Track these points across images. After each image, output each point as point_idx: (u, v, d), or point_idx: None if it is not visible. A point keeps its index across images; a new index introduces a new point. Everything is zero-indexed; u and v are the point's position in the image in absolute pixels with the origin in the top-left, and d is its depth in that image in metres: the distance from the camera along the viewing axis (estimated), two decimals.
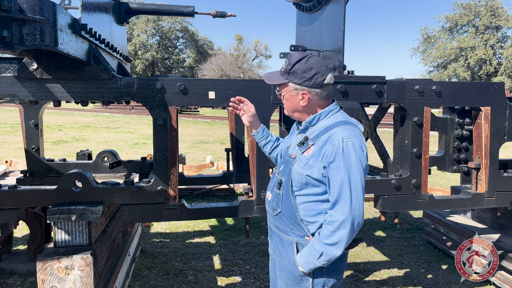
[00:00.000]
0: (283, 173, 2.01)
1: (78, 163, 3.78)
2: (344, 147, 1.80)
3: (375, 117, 3.86)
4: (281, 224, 2.01)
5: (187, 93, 2.68)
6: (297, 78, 1.90)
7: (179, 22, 58.13)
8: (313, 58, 1.92)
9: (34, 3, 1.86)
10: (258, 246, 4.70)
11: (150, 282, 3.74)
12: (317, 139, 1.89)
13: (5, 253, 3.98)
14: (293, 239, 1.96)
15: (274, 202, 2.03)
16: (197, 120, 25.93)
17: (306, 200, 1.92)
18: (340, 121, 1.92)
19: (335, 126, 1.89)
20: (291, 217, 1.95)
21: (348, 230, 1.78)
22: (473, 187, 3.24)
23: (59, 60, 2.46)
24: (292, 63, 1.90)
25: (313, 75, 1.88)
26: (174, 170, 2.71)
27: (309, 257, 1.86)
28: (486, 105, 3.09)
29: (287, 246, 1.99)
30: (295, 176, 1.92)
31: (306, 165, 1.88)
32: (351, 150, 1.80)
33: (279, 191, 2.00)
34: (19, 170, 4.01)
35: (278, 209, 2.00)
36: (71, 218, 2.50)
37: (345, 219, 1.78)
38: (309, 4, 3.52)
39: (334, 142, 1.82)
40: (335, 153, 1.80)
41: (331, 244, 1.80)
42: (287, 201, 1.96)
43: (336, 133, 1.85)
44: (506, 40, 48.46)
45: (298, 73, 1.89)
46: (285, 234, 1.99)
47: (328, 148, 1.83)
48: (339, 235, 1.78)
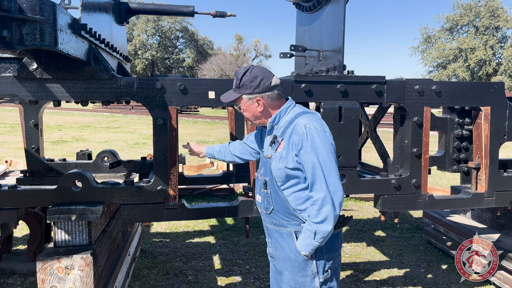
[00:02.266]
0: (264, 173, 2.19)
1: (78, 163, 3.78)
2: (307, 132, 1.99)
3: (375, 117, 3.86)
4: (277, 220, 2.15)
5: (187, 93, 2.68)
6: (248, 89, 2.09)
7: (179, 22, 58.13)
8: (256, 68, 2.13)
9: (34, 3, 1.86)
10: (258, 246, 4.70)
11: (150, 282, 3.74)
12: (284, 134, 2.08)
13: (5, 253, 3.98)
14: (291, 229, 2.11)
15: (265, 202, 2.18)
16: (197, 120, 25.93)
17: (292, 191, 2.08)
18: (299, 113, 2.11)
19: (296, 118, 2.08)
20: (284, 210, 2.11)
21: (330, 205, 1.96)
22: (473, 187, 3.24)
23: (59, 60, 2.46)
24: (239, 78, 2.11)
25: (259, 81, 2.08)
26: (174, 170, 2.71)
27: (306, 240, 2.01)
28: (486, 105, 3.09)
29: (287, 238, 2.13)
30: (275, 172, 2.09)
31: (281, 159, 2.06)
32: (314, 133, 1.99)
33: (267, 190, 2.16)
34: (19, 170, 4.01)
35: (271, 207, 2.15)
36: (71, 218, 2.50)
37: (325, 196, 1.96)
38: (309, 4, 3.52)
39: (298, 131, 2.02)
40: (301, 139, 2.00)
41: (321, 222, 1.96)
42: (276, 197, 2.12)
43: (298, 123, 2.05)
44: (506, 40, 48.47)
45: (247, 85, 2.09)
46: (282, 227, 2.14)
47: (294, 138, 2.02)
48: (325, 211, 1.96)
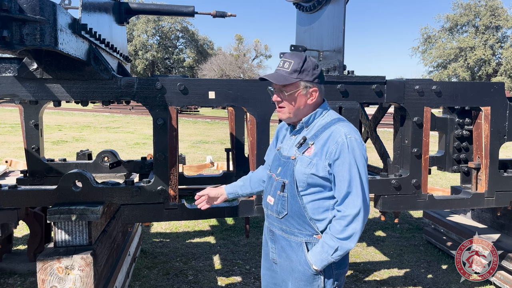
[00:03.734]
0: (283, 175, 1.99)
1: (78, 163, 3.78)
2: (348, 143, 1.84)
3: (375, 117, 3.86)
4: (288, 226, 1.99)
5: (187, 93, 2.68)
6: (309, 76, 1.90)
7: (179, 22, 58.14)
8: (311, 57, 1.96)
9: (34, 3, 1.86)
10: (258, 246, 4.70)
11: (150, 282, 3.74)
12: (317, 138, 1.91)
13: (5, 253, 3.98)
14: (301, 240, 1.96)
15: (278, 205, 2.00)
16: (197, 120, 25.93)
17: (313, 199, 1.92)
18: (335, 119, 1.96)
19: (332, 124, 1.92)
20: (299, 218, 1.95)
21: (361, 222, 1.83)
22: (473, 187, 3.24)
23: (59, 60, 2.46)
24: (300, 61, 1.89)
25: (320, 72, 1.92)
26: (174, 170, 2.71)
27: (322, 255, 1.87)
28: (486, 105, 3.09)
29: (295, 248, 1.97)
30: (299, 176, 1.91)
31: (310, 164, 1.89)
32: (355, 145, 1.85)
33: (283, 193, 1.97)
34: (19, 170, 4.02)
35: (284, 212, 1.98)
36: (71, 218, 2.50)
37: (358, 212, 1.83)
38: (309, 4, 3.52)
39: (337, 139, 1.85)
40: (340, 149, 1.84)
41: (345, 238, 1.83)
42: (293, 202, 1.95)
43: (337, 130, 1.88)
44: (506, 40, 48.46)
45: (309, 71, 1.89)
46: (292, 235, 1.98)
47: (331, 146, 1.86)
48: (353, 228, 1.83)
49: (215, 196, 2.33)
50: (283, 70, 1.92)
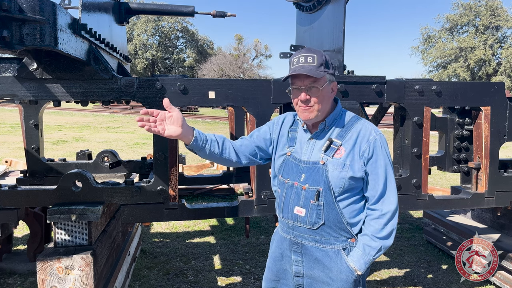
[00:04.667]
0: (314, 182, 1.84)
1: (78, 163, 3.78)
2: (380, 139, 1.83)
3: (375, 117, 3.86)
4: (323, 236, 1.87)
5: (187, 93, 2.68)
6: (331, 69, 1.84)
7: (179, 22, 58.13)
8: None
9: (34, 3, 1.86)
10: (258, 246, 4.70)
11: (150, 282, 3.74)
12: (343, 138, 1.85)
13: (5, 253, 3.98)
14: (338, 247, 1.87)
15: (313, 216, 1.85)
16: (197, 120, 25.92)
17: (348, 203, 1.86)
18: (354, 116, 1.93)
19: (355, 122, 1.89)
20: (335, 225, 1.85)
21: (396, 217, 1.83)
22: (473, 187, 3.24)
23: (59, 60, 2.46)
24: (322, 54, 1.81)
25: (334, 67, 1.91)
26: (174, 170, 2.71)
27: (365, 257, 1.83)
28: (486, 105, 3.09)
29: (334, 257, 1.87)
30: (336, 182, 1.81)
31: (345, 167, 1.80)
32: (385, 142, 1.86)
33: (318, 201, 1.83)
34: (19, 170, 4.01)
35: (320, 221, 1.84)
36: (71, 218, 2.50)
37: (395, 208, 1.83)
38: (309, 4, 3.52)
39: (368, 137, 1.83)
40: (373, 147, 1.81)
41: (386, 237, 1.82)
42: (329, 210, 1.83)
43: (364, 128, 1.85)
44: (506, 40, 48.46)
45: (330, 63, 1.83)
46: (329, 245, 1.87)
47: (363, 144, 1.82)
48: (391, 225, 1.82)
49: (178, 121, 1.82)
50: (310, 65, 1.78)
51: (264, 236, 5.03)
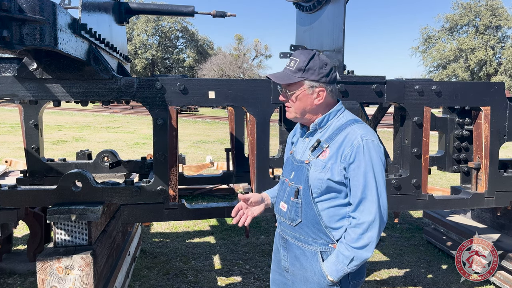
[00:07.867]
0: (297, 180, 1.89)
1: (78, 163, 3.78)
2: (364, 145, 1.75)
3: (375, 117, 3.86)
4: (302, 235, 1.89)
5: (187, 93, 2.68)
6: (314, 75, 1.79)
7: (179, 22, 58.13)
8: (322, 55, 1.88)
9: (34, 3, 1.86)
10: (258, 246, 4.70)
11: (150, 282, 3.74)
12: (331, 140, 1.82)
13: (5, 253, 3.98)
14: (316, 249, 1.86)
15: (292, 212, 1.90)
16: (197, 120, 25.93)
17: (328, 206, 1.83)
18: (350, 120, 1.86)
19: (348, 125, 1.83)
20: (313, 226, 1.85)
21: (377, 230, 1.74)
22: (473, 187, 3.24)
23: (59, 60, 2.46)
24: (306, 60, 1.79)
25: (329, 70, 1.82)
26: (174, 170, 2.71)
27: (338, 265, 1.78)
28: (486, 105, 3.09)
29: (310, 257, 1.88)
30: (314, 182, 1.82)
31: (325, 169, 1.79)
32: (371, 147, 1.75)
33: (297, 199, 1.87)
34: (19, 170, 4.01)
35: (298, 219, 1.87)
36: (71, 218, 2.50)
37: (373, 219, 1.73)
38: (309, 4, 3.52)
39: (353, 142, 1.76)
40: (355, 152, 1.74)
41: (361, 247, 1.74)
42: (307, 209, 1.85)
43: (352, 132, 1.79)
44: (506, 40, 48.47)
45: (315, 70, 1.79)
46: (307, 244, 1.88)
47: (346, 149, 1.77)
48: (369, 237, 1.73)
49: (257, 200, 2.08)
50: (289, 69, 1.83)
51: (264, 236, 5.03)
